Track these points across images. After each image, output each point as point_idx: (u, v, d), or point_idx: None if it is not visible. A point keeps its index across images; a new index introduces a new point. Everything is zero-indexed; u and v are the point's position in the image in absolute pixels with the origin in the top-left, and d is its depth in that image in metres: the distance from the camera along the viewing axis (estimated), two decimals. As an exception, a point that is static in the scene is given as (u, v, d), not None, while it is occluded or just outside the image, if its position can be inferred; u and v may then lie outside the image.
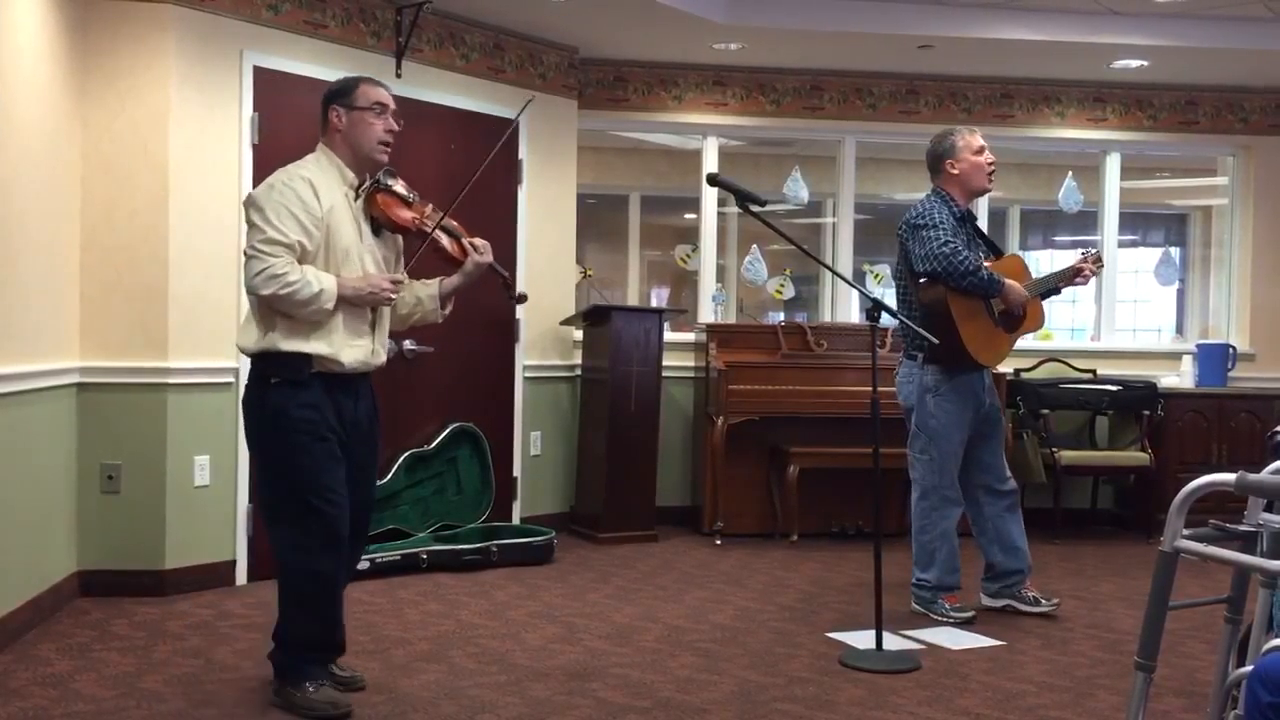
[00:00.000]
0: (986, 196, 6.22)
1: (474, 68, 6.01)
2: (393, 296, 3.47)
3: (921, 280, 4.53)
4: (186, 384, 4.81)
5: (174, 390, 4.77)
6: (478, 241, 3.66)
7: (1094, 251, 4.96)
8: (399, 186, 3.55)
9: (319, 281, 3.29)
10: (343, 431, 3.44)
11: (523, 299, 3.97)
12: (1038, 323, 4.83)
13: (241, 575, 5.02)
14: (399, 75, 5.53)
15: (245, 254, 3.31)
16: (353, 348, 3.42)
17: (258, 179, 4.92)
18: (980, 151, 4.64)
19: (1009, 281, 4.55)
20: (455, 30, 5.93)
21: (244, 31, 4.99)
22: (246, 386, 3.45)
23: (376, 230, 3.54)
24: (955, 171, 4.63)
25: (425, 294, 3.68)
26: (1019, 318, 4.66)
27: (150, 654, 3.96)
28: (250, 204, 3.35)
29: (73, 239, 4.65)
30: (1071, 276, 4.81)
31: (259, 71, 5.03)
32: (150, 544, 4.75)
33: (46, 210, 4.34)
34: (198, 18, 4.83)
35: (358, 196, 3.49)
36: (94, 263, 4.70)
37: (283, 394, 3.34)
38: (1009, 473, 4.82)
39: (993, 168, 4.68)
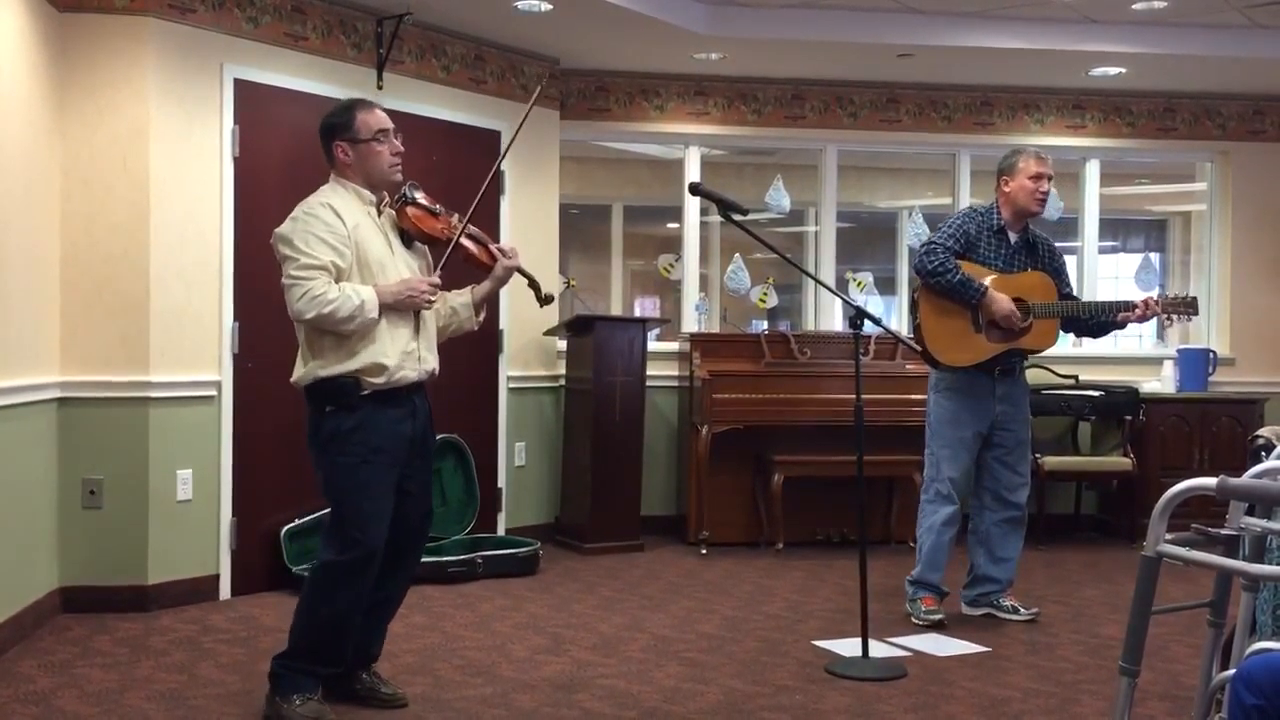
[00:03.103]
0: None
1: (455, 79, 6.01)
2: (433, 297, 3.50)
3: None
4: (168, 398, 4.79)
5: (156, 404, 4.75)
6: (505, 246, 3.75)
7: (1168, 297, 4.74)
8: (423, 199, 3.63)
9: (358, 294, 3.34)
10: (396, 452, 3.47)
11: (550, 300, 3.97)
12: (1042, 343, 4.77)
13: (225, 590, 5.00)
14: (380, 87, 5.52)
15: (284, 285, 3.36)
16: (398, 354, 3.45)
17: (239, 192, 4.96)
18: (1037, 178, 4.67)
19: (994, 294, 4.57)
20: (436, 42, 5.93)
21: (224, 44, 4.97)
22: (308, 416, 3.50)
23: (407, 243, 3.61)
24: (1007, 189, 4.73)
25: (459, 303, 3.72)
26: (1012, 332, 4.63)
27: (133, 670, 3.93)
28: (278, 240, 3.41)
29: (52, 253, 4.62)
30: (1128, 309, 4.65)
31: (239, 84, 5.02)
32: (133, 559, 4.72)
33: (26, 224, 4.32)
34: (177, 30, 4.81)
35: (381, 212, 3.55)
36: (74, 277, 4.68)
37: (335, 420, 3.41)
38: (1022, 490, 4.80)
39: (1045, 195, 4.71)
